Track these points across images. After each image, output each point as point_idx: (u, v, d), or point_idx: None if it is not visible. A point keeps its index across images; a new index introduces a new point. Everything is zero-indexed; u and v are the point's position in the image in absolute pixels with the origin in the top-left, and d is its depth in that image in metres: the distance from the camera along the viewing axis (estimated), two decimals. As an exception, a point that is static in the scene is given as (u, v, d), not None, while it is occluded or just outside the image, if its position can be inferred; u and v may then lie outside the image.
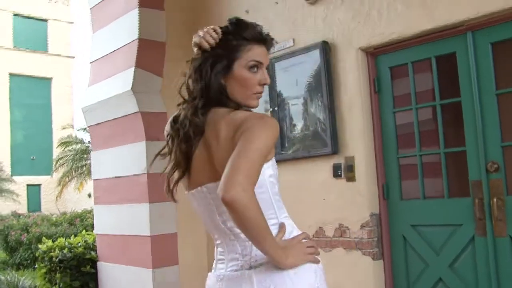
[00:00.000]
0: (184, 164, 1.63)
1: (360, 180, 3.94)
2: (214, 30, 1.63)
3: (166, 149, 1.70)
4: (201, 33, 1.64)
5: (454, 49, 3.55)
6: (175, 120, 1.67)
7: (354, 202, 3.96)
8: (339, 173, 4.04)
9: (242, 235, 1.51)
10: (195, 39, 1.65)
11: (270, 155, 1.55)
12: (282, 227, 1.56)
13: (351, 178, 3.99)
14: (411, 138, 3.85)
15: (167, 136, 1.70)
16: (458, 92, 3.53)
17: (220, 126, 1.55)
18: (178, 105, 1.71)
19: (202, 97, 1.61)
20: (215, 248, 1.70)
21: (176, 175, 1.66)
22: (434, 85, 3.70)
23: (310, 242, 1.60)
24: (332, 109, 4.07)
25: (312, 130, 4.20)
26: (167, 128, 1.71)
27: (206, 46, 1.62)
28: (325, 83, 4.07)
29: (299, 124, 4.30)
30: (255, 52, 1.63)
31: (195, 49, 1.66)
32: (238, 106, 1.64)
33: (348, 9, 4.05)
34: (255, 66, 1.63)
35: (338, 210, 4.05)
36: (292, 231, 1.62)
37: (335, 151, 4.05)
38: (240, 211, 1.33)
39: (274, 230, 1.54)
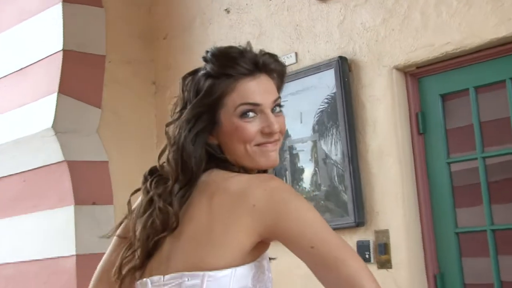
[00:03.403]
0: (145, 246, 1.46)
1: (399, 266, 3.54)
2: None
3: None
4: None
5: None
6: (151, 173, 1.56)
7: (391, 301, 3.53)
8: (367, 256, 3.66)
9: None
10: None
11: (264, 247, 1.40)
12: None
13: (385, 264, 3.60)
14: (476, 201, 3.54)
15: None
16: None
17: (203, 199, 1.46)
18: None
19: (178, 177, 1.47)
20: None
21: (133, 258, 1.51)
22: (511, 122, 3.32)
23: None
24: (354, 158, 3.70)
25: (325, 190, 3.87)
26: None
27: None
28: (344, 119, 3.72)
29: (306, 180, 3.97)
30: (245, 91, 1.49)
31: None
32: (244, 170, 1.50)
33: (377, 9, 3.63)
34: (248, 110, 1.48)
35: (367, 312, 3.53)
36: None
37: (360, 222, 3.66)
38: None
39: None
